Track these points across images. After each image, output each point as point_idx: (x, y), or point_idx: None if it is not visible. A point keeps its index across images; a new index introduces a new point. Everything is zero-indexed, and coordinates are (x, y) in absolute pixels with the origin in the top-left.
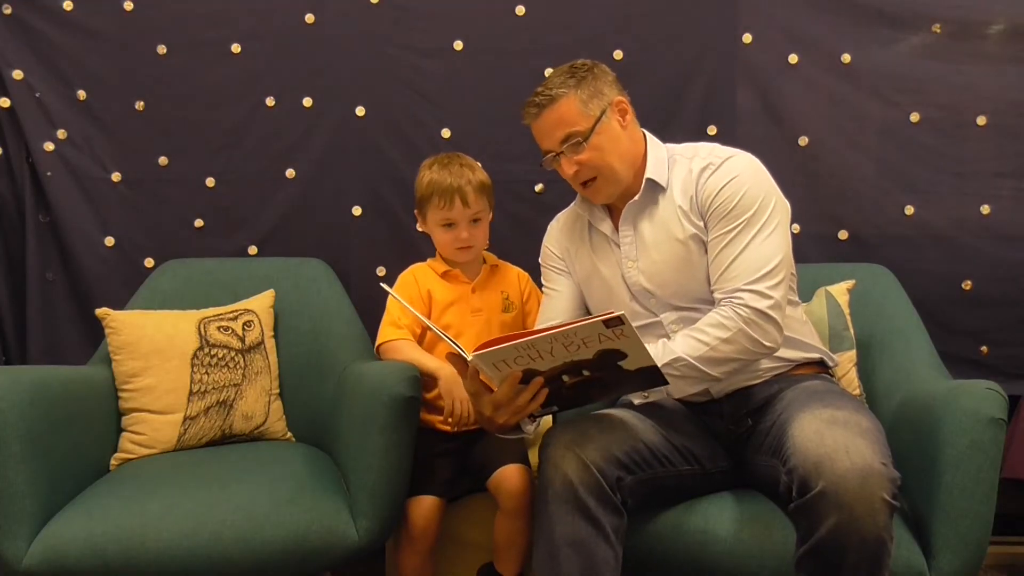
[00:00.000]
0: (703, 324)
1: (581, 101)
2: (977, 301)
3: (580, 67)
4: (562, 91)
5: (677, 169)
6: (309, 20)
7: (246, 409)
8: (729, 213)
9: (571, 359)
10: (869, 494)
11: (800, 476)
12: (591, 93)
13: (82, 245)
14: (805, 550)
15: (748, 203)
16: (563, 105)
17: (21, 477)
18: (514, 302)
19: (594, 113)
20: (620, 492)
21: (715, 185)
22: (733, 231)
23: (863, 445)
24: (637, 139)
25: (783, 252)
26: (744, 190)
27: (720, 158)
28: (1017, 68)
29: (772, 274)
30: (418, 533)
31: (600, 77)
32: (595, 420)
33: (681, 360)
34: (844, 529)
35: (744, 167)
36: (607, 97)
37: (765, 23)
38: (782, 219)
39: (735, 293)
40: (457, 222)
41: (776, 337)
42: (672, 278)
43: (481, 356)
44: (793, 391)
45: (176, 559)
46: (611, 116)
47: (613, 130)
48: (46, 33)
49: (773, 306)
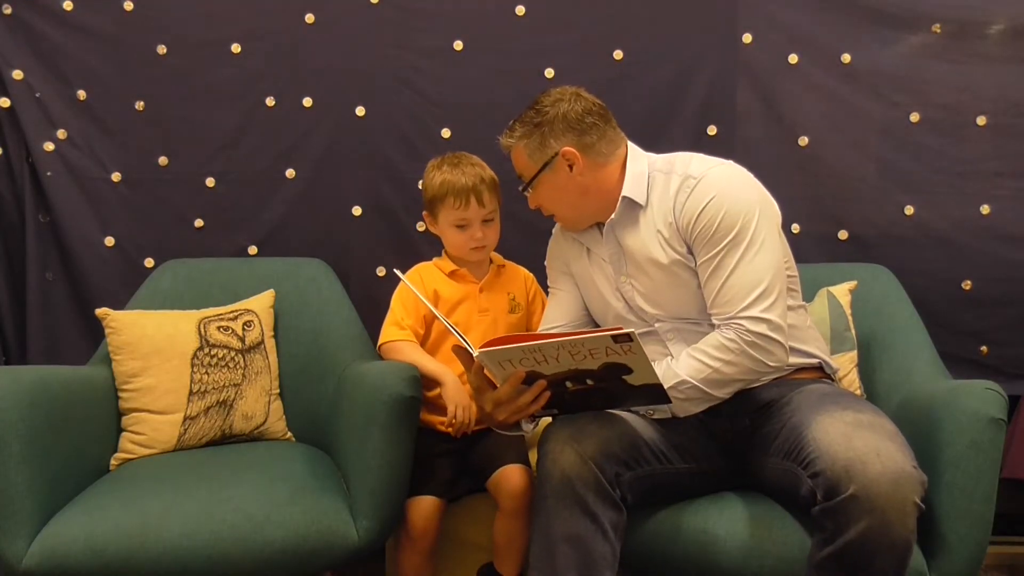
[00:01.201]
0: (706, 345)
1: (527, 152)
2: (977, 301)
3: (534, 116)
4: (511, 141)
5: (655, 187)
6: (309, 20)
7: (246, 409)
8: (711, 237)
9: (576, 367)
10: (902, 498)
11: (829, 479)
12: (537, 145)
13: (82, 245)
14: (830, 552)
15: (729, 224)
16: (514, 152)
17: (21, 477)
18: (520, 303)
19: (537, 164)
20: (619, 488)
21: (693, 209)
22: (718, 255)
23: (893, 448)
24: (600, 179)
25: (773, 267)
26: (723, 211)
27: (696, 176)
28: (1017, 68)
29: (765, 295)
30: (418, 533)
31: (553, 126)
32: (594, 416)
33: (686, 383)
34: (874, 533)
35: (720, 184)
36: (552, 148)
37: (765, 23)
38: (768, 230)
39: (732, 321)
40: (471, 222)
41: (781, 356)
42: (664, 298)
43: (487, 353)
44: (799, 394)
45: (176, 559)
46: (557, 167)
47: (558, 180)
48: (46, 33)
49: (773, 328)
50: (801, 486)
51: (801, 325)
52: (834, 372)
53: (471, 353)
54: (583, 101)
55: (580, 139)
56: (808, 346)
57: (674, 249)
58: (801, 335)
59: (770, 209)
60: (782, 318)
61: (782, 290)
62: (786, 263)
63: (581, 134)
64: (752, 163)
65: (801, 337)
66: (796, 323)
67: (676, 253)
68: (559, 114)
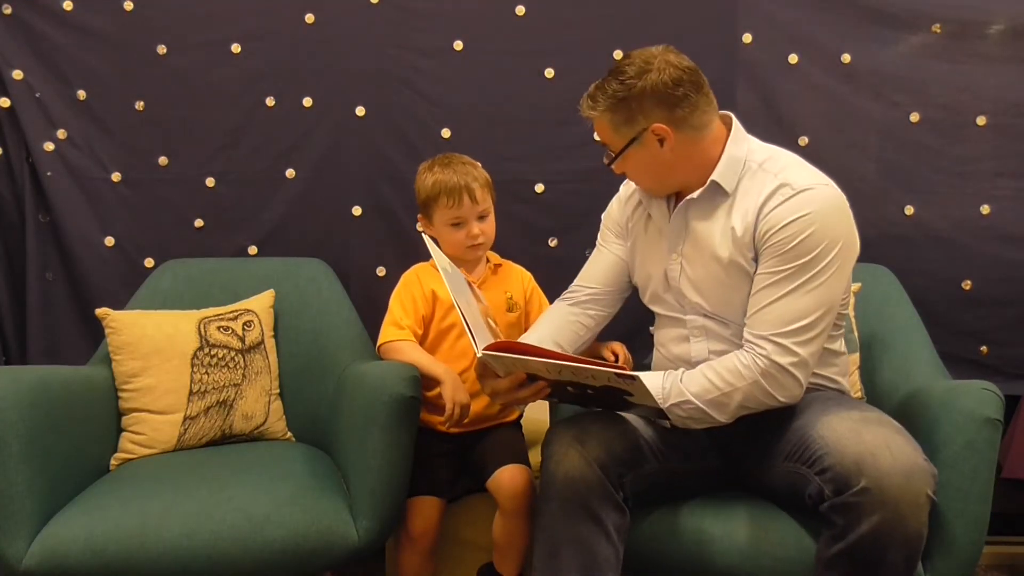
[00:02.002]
0: (720, 366)
1: (612, 125)
2: (977, 301)
3: (619, 88)
4: (594, 113)
5: (748, 179)
6: (309, 20)
7: (246, 409)
8: (784, 253)
9: (578, 381)
10: (915, 490)
11: (839, 474)
12: (624, 119)
13: (82, 245)
14: (841, 548)
15: (808, 248)
16: (598, 123)
17: (21, 477)
18: (518, 302)
19: (624, 138)
20: (623, 489)
21: (779, 219)
22: (780, 273)
23: (903, 442)
24: (692, 154)
25: (828, 305)
26: (808, 232)
27: (796, 186)
28: (1017, 68)
29: (804, 330)
30: (418, 533)
31: (641, 100)
32: (597, 416)
33: (690, 403)
34: (888, 527)
35: (818, 204)
36: (641, 124)
37: (765, 23)
38: (841, 267)
39: (760, 340)
40: (467, 219)
41: (794, 393)
42: (709, 291)
43: (492, 357)
44: (802, 400)
45: (176, 559)
46: (646, 142)
47: (647, 155)
48: (46, 33)
49: (797, 364)
50: (807, 486)
51: (837, 350)
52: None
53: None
54: (672, 69)
55: (671, 113)
56: (831, 371)
57: (740, 251)
58: (832, 360)
59: (853, 246)
60: (812, 357)
61: (825, 330)
62: (843, 301)
63: (672, 107)
64: None
65: (830, 362)
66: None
67: (741, 256)
68: (647, 87)
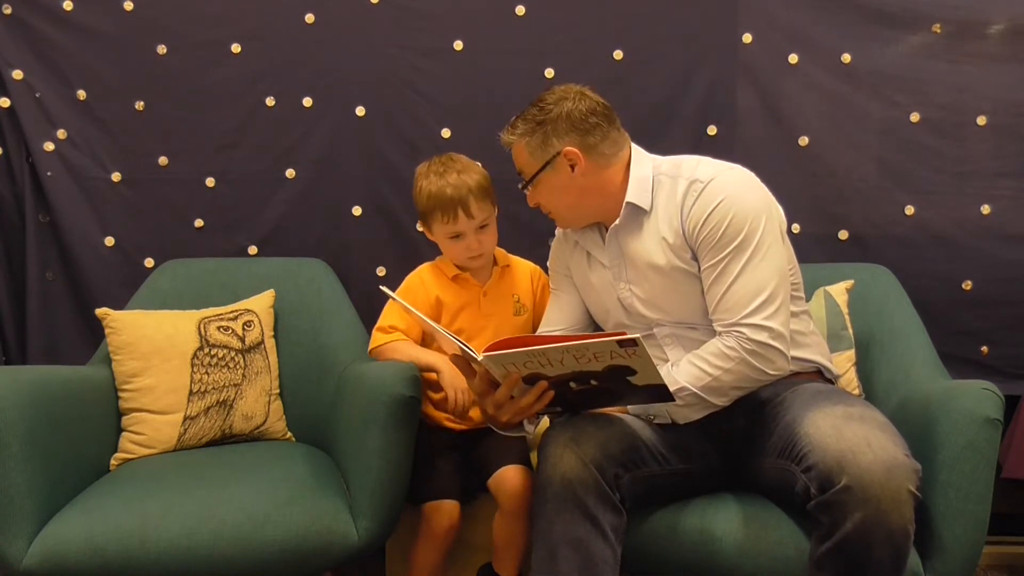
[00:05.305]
0: (706, 353)
1: (529, 149)
2: (977, 301)
3: (537, 113)
4: (512, 138)
5: (661, 192)
6: (309, 20)
7: (246, 409)
8: (717, 243)
9: (580, 369)
10: (896, 486)
11: (821, 472)
12: (538, 143)
13: (82, 245)
14: (829, 547)
15: (736, 229)
16: (515, 149)
17: (21, 477)
18: (525, 304)
19: (539, 161)
20: (619, 490)
21: (700, 213)
22: (723, 261)
23: (884, 438)
24: (602, 180)
25: (778, 275)
26: (730, 216)
27: (703, 180)
28: (1017, 68)
29: (768, 302)
30: (443, 533)
31: (556, 124)
32: (593, 418)
33: (686, 390)
34: (871, 523)
35: (728, 188)
36: (555, 148)
37: (765, 23)
38: (774, 237)
39: (732, 328)
40: (464, 233)
41: (782, 365)
42: (664, 303)
43: (491, 357)
44: (793, 393)
45: (176, 559)
46: (559, 166)
47: (559, 180)
48: (46, 33)
49: (774, 336)
50: (796, 483)
51: (804, 331)
52: (835, 377)
53: (470, 360)
54: (587, 100)
55: (583, 139)
56: (807, 352)
57: (678, 256)
58: (802, 340)
59: (777, 215)
60: (784, 326)
61: (785, 298)
62: (791, 269)
63: (584, 134)
64: (752, 163)
65: (802, 343)
66: (798, 329)
67: (679, 260)
68: (563, 113)
